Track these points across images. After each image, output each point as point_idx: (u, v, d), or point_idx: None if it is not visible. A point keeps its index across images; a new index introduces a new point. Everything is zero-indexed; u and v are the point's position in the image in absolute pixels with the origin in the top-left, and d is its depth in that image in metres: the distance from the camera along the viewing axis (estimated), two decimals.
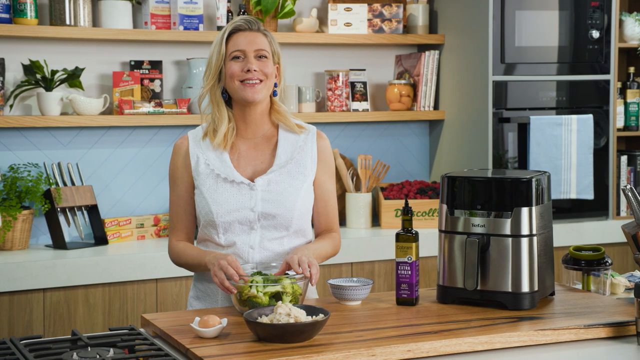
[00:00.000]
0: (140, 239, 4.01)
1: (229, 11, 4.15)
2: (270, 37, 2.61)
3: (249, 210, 2.55)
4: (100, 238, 3.91)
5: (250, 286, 2.30)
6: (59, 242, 3.81)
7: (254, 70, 2.53)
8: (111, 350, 2.02)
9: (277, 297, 2.31)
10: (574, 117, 4.31)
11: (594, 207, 4.47)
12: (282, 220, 2.56)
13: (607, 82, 4.47)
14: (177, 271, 3.64)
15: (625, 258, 4.42)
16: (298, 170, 2.60)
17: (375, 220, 4.37)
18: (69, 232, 3.91)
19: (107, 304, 3.61)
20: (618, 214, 4.56)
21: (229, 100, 2.62)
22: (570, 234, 4.29)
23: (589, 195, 4.35)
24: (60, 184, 3.89)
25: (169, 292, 3.69)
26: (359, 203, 4.26)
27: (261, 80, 2.54)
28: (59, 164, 3.91)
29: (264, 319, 2.12)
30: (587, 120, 4.33)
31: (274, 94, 2.63)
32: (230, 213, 2.54)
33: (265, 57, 2.56)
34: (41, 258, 3.58)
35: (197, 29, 4.07)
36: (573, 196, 4.33)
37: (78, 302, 3.56)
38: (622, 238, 4.38)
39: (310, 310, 2.17)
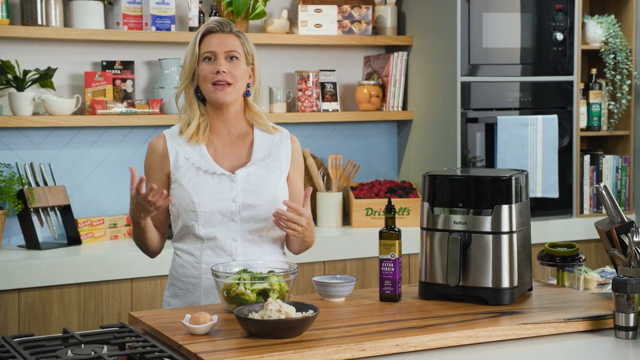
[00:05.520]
0: (113, 238, 4.02)
1: (200, 12, 4.17)
2: (243, 38, 2.68)
3: (230, 201, 2.61)
4: (73, 238, 3.91)
5: (238, 283, 2.34)
6: (32, 243, 3.80)
7: (223, 72, 2.61)
8: (105, 347, 2.05)
9: (263, 294, 2.35)
10: (540, 117, 4.40)
11: (558, 206, 4.56)
12: (262, 210, 2.63)
13: (571, 83, 4.57)
14: (152, 270, 3.67)
15: (589, 255, 4.52)
16: (275, 165, 2.69)
17: (346, 219, 4.42)
18: (41, 233, 3.90)
19: (83, 304, 3.61)
20: (581, 212, 4.66)
21: (204, 99, 2.69)
22: (535, 232, 4.32)
23: (554, 194, 4.45)
24: (33, 184, 3.89)
25: (144, 292, 3.70)
26: (330, 202, 4.31)
27: (230, 84, 2.62)
28: (31, 164, 3.91)
29: (255, 315, 2.16)
30: (552, 120, 4.42)
31: (247, 94, 2.70)
32: (212, 203, 2.61)
33: (236, 57, 2.64)
34: (15, 258, 3.57)
35: (169, 29, 4.08)
36: (539, 195, 4.42)
37: (53, 302, 3.56)
38: (586, 235, 4.49)
39: (300, 306, 2.21)
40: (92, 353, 1.99)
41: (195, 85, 2.66)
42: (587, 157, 4.71)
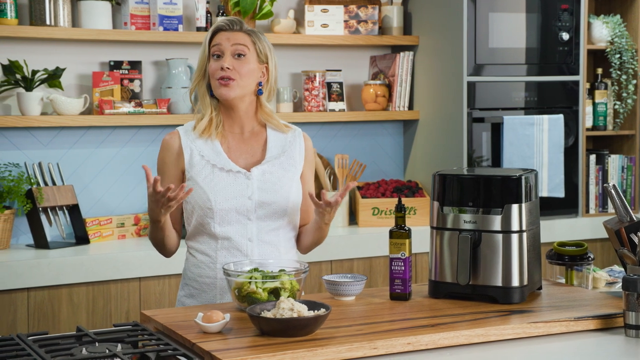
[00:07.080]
0: (121, 238, 4.03)
1: (208, 12, 4.18)
2: (255, 36, 2.68)
3: (246, 199, 2.62)
4: (81, 237, 3.92)
5: (250, 282, 2.35)
6: (41, 242, 3.81)
7: (227, 68, 2.61)
8: (119, 345, 2.06)
9: (275, 292, 2.36)
10: (546, 117, 4.42)
11: (563, 205, 4.58)
12: (278, 208, 2.64)
13: (576, 83, 4.58)
14: (161, 270, 3.68)
15: (596, 254, 4.53)
16: (289, 163, 2.70)
17: (353, 218, 4.44)
18: (50, 232, 3.91)
19: (91, 303, 3.62)
20: (587, 211, 4.67)
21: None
22: (541, 232, 4.37)
23: (560, 193, 4.46)
24: (42, 184, 3.90)
25: (152, 291, 3.71)
26: None
27: (233, 79, 2.62)
28: (39, 164, 3.92)
29: (267, 314, 2.17)
30: (558, 120, 4.44)
31: (259, 92, 2.70)
32: (227, 200, 2.61)
33: (244, 55, 2.64)
34: (24, 257, 3.59)
35: (176, 29, 4.10)
36: (544, 194, 4.43)
37: (62, 301, 3.58)
38: (592, 235, 4.50)
39: (312, 305, 2.22)
40: (107, 351, 2.00)
41: (207, 82, 2.69)
42: (592, 157, 4.72)
